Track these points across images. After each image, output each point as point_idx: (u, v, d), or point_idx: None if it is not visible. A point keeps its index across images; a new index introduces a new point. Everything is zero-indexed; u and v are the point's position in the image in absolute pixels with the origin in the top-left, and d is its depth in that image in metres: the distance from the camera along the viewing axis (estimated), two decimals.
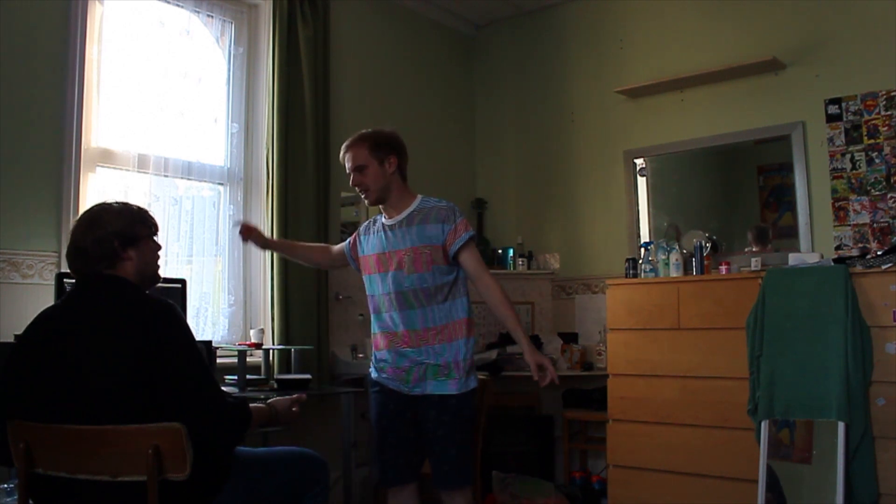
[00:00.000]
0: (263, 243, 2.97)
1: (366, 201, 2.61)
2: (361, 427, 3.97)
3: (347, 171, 2.61)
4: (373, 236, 2.65)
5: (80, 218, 2.01)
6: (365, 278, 2.66)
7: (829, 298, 3.11)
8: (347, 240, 2.82)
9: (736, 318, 3.37)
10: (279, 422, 2.17)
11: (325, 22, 4.07)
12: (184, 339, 1.88)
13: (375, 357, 2.65)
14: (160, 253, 2.10)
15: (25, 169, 3.02)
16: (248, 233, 2.86)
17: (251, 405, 2.06)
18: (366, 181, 2.56)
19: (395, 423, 2.57)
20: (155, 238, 2.07)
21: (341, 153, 2.63)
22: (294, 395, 2.26)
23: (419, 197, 2.62)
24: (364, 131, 2.61)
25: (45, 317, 1.97)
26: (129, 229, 1.97)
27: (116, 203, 2.03)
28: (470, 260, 2.54)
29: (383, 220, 2.64)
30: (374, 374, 2.66)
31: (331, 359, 3.98)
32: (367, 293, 2.66)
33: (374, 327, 2.65)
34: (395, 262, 2.54)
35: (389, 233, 2.59)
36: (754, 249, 3.97)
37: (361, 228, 2.75)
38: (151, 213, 2.09)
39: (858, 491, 2.97)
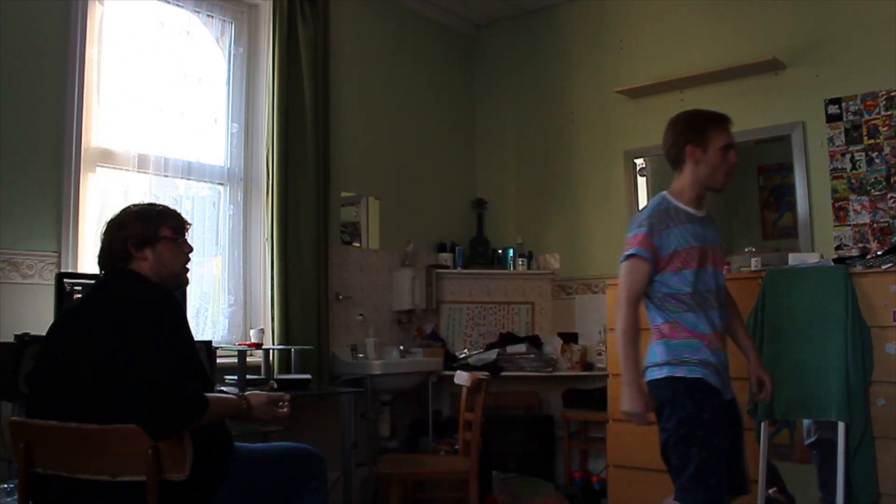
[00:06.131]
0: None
1: (723, 185, 2.46)
2: (361, 427, 3.97)
3: (728, 146, 2.45)
4: (683, 227, 2.36)
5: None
6: (685, 273, 2.33)
7: (829, 298, 3.11)
8: (643, 250, 2.35)
9: None
10: (255, 417, 2.08)
11: (325, 22, 4.07)
12: (150, 329, 1.84)
13: (703, 360, 2.33)
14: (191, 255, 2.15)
15: (25, 169, 3.02)
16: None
17: (220, 395, 2.02)
18: None
19: (726, 439, 2.31)
20: (180, 239, 2.09)
21: (727, 124, 2.48)
22: (275, 393, 2.18)
23: None
24: None
25: (64, 312, 2.06)
26: (145, 231, 2.01)
27: (141, 205, 2.10)
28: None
29: (687, 209, 2.40)
30: (711, 379, 2.32)
31: (331, 359, 3.98)
32: (687, 290, 2.34)
33: (701, 326, 2.35)
34: (713, 258, 2.39)
35: (700, 225, 2.39)
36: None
37: (654, 223, 2.36)
38: (178, 215, 2.12)
39: (858, 491, 2.96)
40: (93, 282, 2.25)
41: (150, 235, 2.01)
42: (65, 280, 2.85)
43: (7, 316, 2.88)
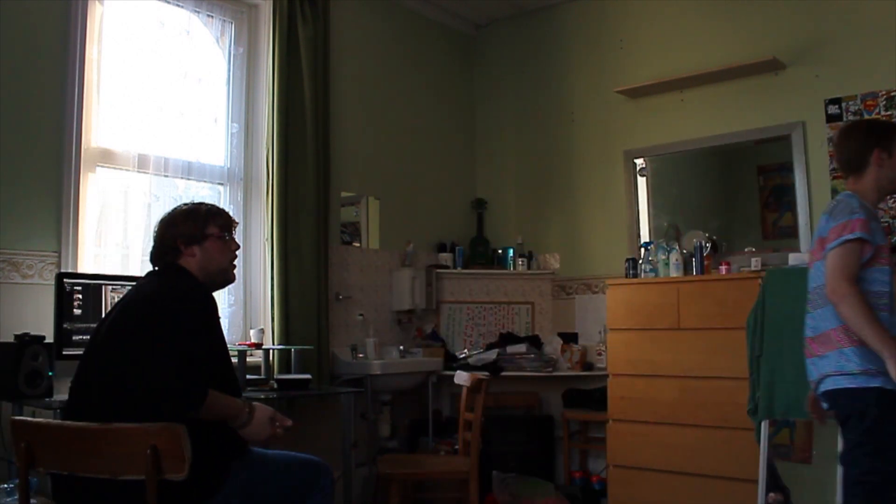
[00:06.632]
0: None
1: None
2: (361, 427, 3.97)
3: None
4: (878, 223, 2.31)
5: None
6: (885, 270, 2.24)
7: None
8: (866, 234, 2.21)
9: (736, 318, 3.37)
10: (251, 431, 2.02)
11: (325, 22, 4.07)
12: (163, 324, 1.88)
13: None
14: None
15: (25, 169, 3.02)
16: None
17: (224, 395, 1.98)
18: None
19: None
20: (227, 237, 2.16)
21: None
22: (280, 415, 2.12)
23: None
24: None
25: (113, 306, 2.11)
26: (194, 229, 2.09)
27: (191, 204, 2.18)
28: None
29: (873, 210, 2.34)
30: None
31: (331, 359, 3.98)
32: (886, 290, 2.23)
33: (894, 331, 2.19)
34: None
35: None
36: None
37: (867, 212, 2.27)
38: (226, 214, 2.20)
39: None
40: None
41: (199, 233, 2.09)
42: (65, 280, 2.86)
43: (7, 316, 2.88)
